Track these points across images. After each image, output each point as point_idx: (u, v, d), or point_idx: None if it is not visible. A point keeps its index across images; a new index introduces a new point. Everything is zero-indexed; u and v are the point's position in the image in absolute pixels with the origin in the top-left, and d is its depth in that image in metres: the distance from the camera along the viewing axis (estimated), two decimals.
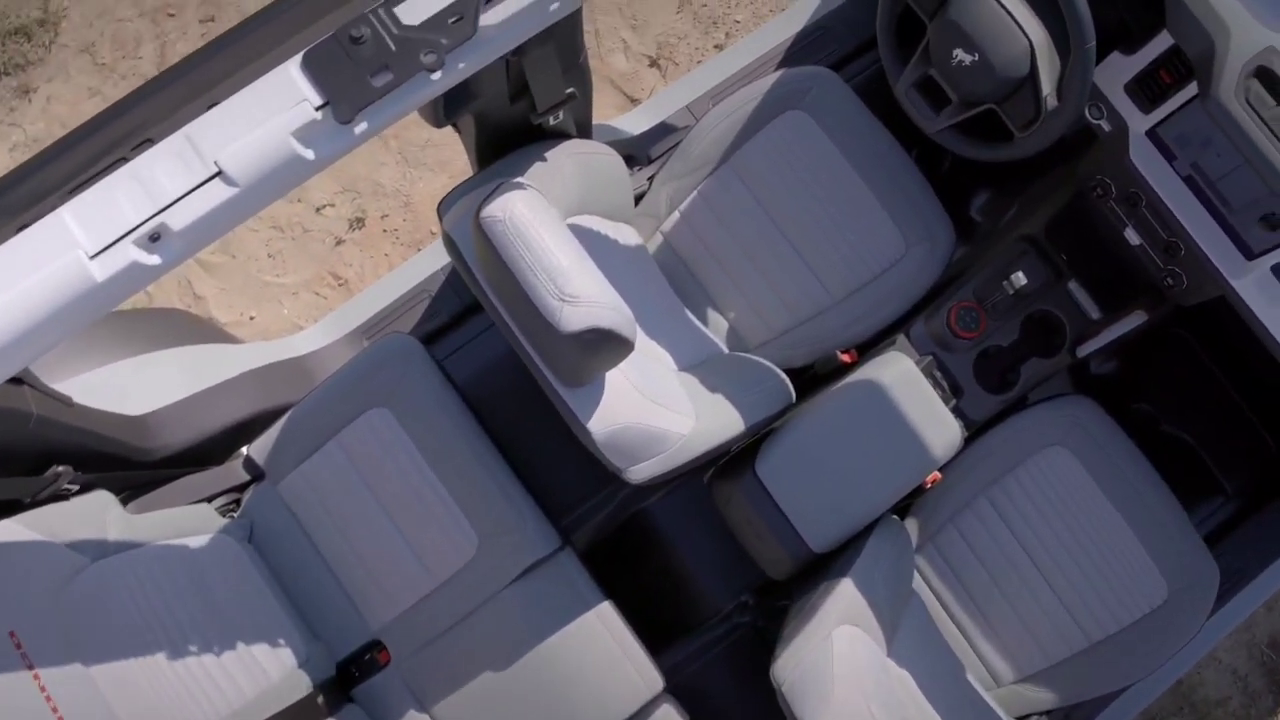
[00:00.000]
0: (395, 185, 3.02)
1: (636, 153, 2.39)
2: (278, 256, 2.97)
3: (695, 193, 2.22)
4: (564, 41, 1.68)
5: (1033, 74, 1.83)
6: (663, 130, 2.42)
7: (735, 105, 2.22)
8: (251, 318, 2.94)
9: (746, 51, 2.52)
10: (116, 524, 1.80)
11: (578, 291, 1.41)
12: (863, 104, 2.25)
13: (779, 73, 2.23)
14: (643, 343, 1.92)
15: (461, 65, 1.27)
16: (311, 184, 2.98)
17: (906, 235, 2.19)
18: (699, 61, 3.08)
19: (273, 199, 1.26)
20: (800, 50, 2.52)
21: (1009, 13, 1.82)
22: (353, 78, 1.20)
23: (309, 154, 1.22)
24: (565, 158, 1.90)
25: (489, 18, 1.25)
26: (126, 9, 3.05)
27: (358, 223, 2.99)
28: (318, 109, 1.21)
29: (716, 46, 3.11)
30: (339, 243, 2.99)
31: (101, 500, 1.82)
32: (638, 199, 2.28)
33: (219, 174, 1.19)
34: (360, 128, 1.23)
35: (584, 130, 2.02)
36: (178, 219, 1.19)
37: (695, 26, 3.10)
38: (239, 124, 1.19)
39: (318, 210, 3.00)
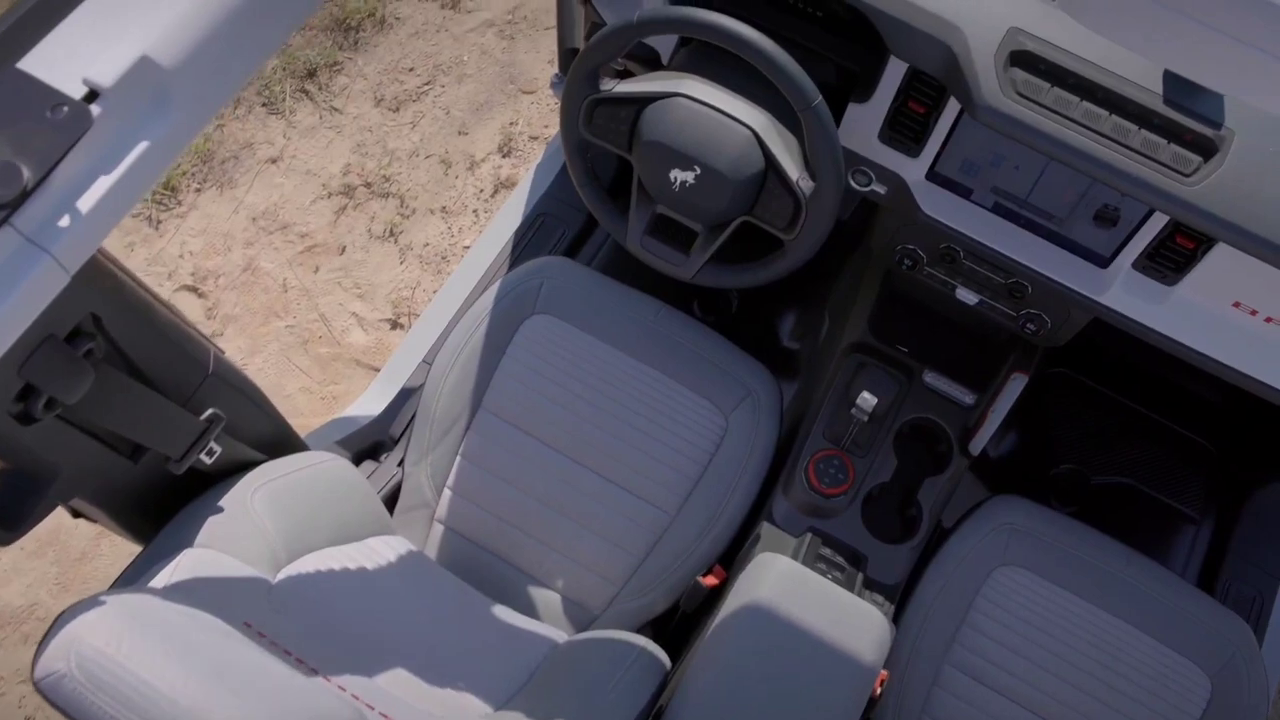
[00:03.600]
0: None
1: (381, 438, 1.84)
2: None
3: (458, 459, 1.67)
4: (146, 356, 1.14)
5: (770, 163, 1.38)
6: (402, 399, 1.88)
7: (462, 339, 1.71)
8: None
9: (468, 274, 2.04)
10: None
11: None
12: (608, 279, 1.77)
13: (496, 284, 1.74)
14: (426, 698, 1.31)
15: None
16: None
17: (720, 403, 1.67)
18: None
19: None
20: (526, 248, 2.06)
21: (710, 106, 1.38)
22: None
23: None
24: (251, 495, 1.33)
25: None
26: None
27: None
28: None
29: None
30: None
31: None
32: (394, 494, 1.71)
33: None
34: None
35: (275, 444, 1.46)
36: None
37: (425, 270, 2.62)
38: None
39: None
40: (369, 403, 1.95)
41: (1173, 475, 2.15)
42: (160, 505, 1.29)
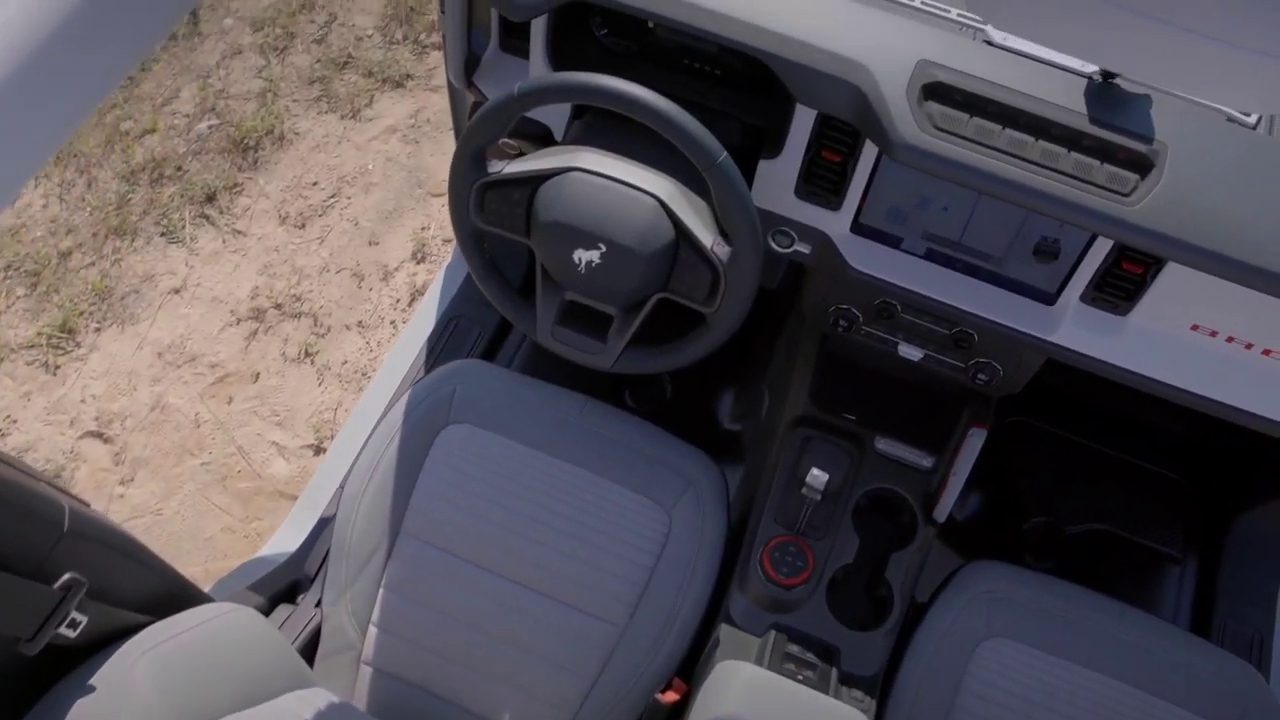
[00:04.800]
0: None
1: (298, 577, 1.66)
2: None
3: (382, 591, 1.49)
4: None
5: (681, 231, 1.25)
6: (319, 531, 1.70)
7: (373, 460, 1.54)
8: None
9: (381, 389, 1.88)
10: None
11: None
12: (526, 378, 1.62)
13: (405, 396, 1.58)
14: None
15: None
16: None
17: (660, 499, 1.51)
18: None
19: None
20: (441, 354, 1.91)
21: (609, 178, 1.26)
22: None
23: None
24: (132, 665, 1.15)
25: None
26: None
27: None
28: None
29: None
30: None
31: None
32: (314, 639, 1.52)
33: None
34: None
35: (162, 601, 1.28)
36: None
37: (345, 389, 2.46)
38: None
39: None
40: (285, 538, 1.77)
41: (1148, 515, 2.02)
42: (16, 694, 1.09)
